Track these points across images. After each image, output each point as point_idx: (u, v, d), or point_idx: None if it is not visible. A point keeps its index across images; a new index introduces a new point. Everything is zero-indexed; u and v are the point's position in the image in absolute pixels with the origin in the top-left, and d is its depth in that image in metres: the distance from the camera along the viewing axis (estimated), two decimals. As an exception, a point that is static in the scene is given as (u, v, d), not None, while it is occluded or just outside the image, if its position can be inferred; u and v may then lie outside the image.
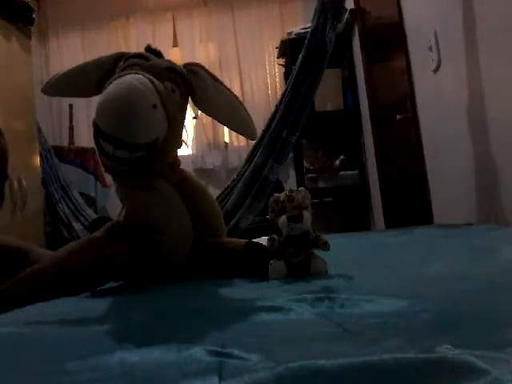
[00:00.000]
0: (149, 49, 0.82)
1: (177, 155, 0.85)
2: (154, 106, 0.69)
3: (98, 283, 0.78)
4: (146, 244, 0.80)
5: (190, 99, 0.84)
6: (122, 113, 0.66)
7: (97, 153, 0.76)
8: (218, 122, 0.89)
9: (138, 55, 0.79)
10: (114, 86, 0.69)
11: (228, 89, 0.84)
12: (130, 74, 0.72)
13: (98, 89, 0.81)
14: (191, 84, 0.81)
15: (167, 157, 0.80)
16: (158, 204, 0.80)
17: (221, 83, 0.84)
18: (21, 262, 0.97)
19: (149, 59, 0.78)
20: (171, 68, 0.78)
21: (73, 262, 0.77)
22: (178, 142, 0.82)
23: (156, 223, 0.80)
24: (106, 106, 0.68)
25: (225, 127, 3.88)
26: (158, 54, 0.82)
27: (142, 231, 0.80)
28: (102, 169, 0.80)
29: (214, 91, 0.82)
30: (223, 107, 0.83)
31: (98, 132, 0.69)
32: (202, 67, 0.84)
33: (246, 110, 0.84)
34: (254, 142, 2.42)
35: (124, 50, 3.94)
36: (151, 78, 0.71)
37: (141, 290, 0.77)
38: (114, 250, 0.77)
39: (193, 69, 0.82)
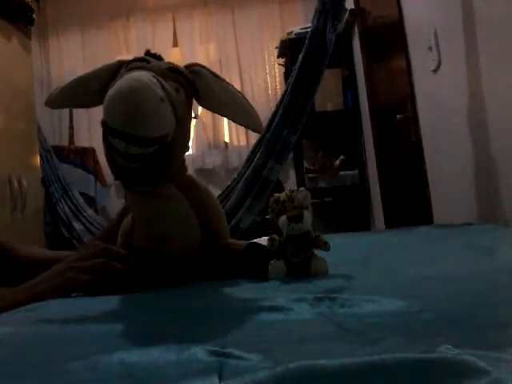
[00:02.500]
0: (148, 53, 0.82)
1: (184, 159, 0.85)
2: (162, 100, 0.69)
3: None
4: (155, 253, 0.80)
5: (194, 100, 0.84)
6: (132, 106, 0.66)
7: (106, 157, 0.75)
8: (224, 117, 0.89)
9: (138, 59, 0.79)
10: (119, 83, 0.68)
11: (230, 85, 0.84)
12: (134, 72, 0.72)
13: (100, 98, 0.81)
14: (194, 83, 0.81)
15: (177, 157, 0.80)
16: (168, 213, 0.79)
17: (223, 80, 0.84)
18: (8, 260, 0.97)
19: (149, 62, 0.78)
20: (173, 68, 0.78)
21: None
22: (187, 142, 0.82)
23: (166, 232, 0.79)
24: (115, 102, 0.67)
25: (225, 127, 3.90)
26: (159, 58, 0.82)
27: (152, 240, 0.80)
28: (113, 177, 0.79)
29: (217, 88, 0.82)
30: (228, 103, 0.83)
31: (108, 130, 0.68)
32: (203, 66, 0.84)
33: (250, 104, 0.84)
34: (254, 142, 2.43)
35: (124, 50, 3.96)
36: (155, 75, 0.72)
37: (141, 290, 0.77)
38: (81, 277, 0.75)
39: (194, 69, 0.82)
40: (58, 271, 0.76)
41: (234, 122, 0.89)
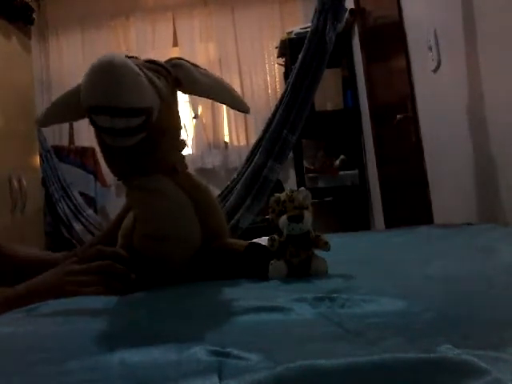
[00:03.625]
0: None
1: (184, 157, 0.85)
2: (138, 74, 0.70)
3: None
4: (154, 252, 0.80)
5: (180, 94, 0.85)
6: (109, 77, 0.67)
7: (100, 147, 0.75)
8: (211, 99, 0.90)
9: None
10: (93, 63, 0.70)
11: (210, 72, 0.86)
12: None
13: None
14: (176, 75, 0.81)
15: (169, 141, 0.80)
16: (169, 211, 0.79)
17: (202, 68, 0.85)
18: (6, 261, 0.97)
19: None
20: (151, 61, 0.79)
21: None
22: (178, 130, 0.82)
23: (168, 230, 0.79)
24: (91, 78, 0.69)
25: (225, 127, 3.90)
26: (136, 59, 0.83)
27: (151, 239, 0.79)
28: (110, 170, 0.79)
29: (198, 75, 0.84)
30: (211, 86, 0.85)
31: (91, 110, 0.69)
32: (182, 59, 0.85)
33: (233, 89, 0.86)
34: (254, 141, 2.43)
35: (124, 49, 3.95)
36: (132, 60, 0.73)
37: (141, 290, 0.77)
38: (87, 281, 0.75)
39: (173, 62, 0.83)
40: (57, 280, 0.76)
41: (221, 103, 0.90)
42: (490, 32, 1.50)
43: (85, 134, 3.77)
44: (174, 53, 3.85)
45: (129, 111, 0.69)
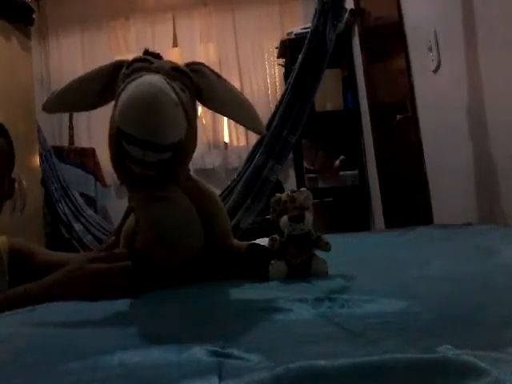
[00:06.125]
0: (147, 52, 0.81)
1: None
2: (176, 105, 0.68)
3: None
4: (157, 255, 0.79)
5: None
6: (150, 113, 0.65)
7: (114, 163, 0.74)
8: (226, 117, 0.88)
9: (139, 59, 0.77)
10: (135, 88, 0.67)
11: (232, 85, 0.84)
12: (146, 75, 0.70)
13: (100, 100, 0.80)
14: (197, 84, 0.80)
15: (188, 158, 0.80)
16: (174, 219, 0.79)
17: (225, 80, 0.83)
18: (27, 265, 0.98)
19: (151, 62, 0.77)
20: (176, 68, 0.77)
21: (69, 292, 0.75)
22: (195, 142, 0.81)
23: (170, 236, 0.79)
24: (132, 108, 0.66)
25: (225, 127, 3.90)
26: (158, 56, 0.81)
27: (155, 243, 0.79)
28: (119, 181, 0.78)
29: (220, 89, 0.81)
30: (230, 104, 0.82)
31: (124, 136, 0.67)
32: (204, 65, 0.83)
33: (252, 106, 0.84)
34: (254, 142, 2.43)
35: (124, 50, 3.96)
36: (165, 78, 0.70)
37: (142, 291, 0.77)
38: (111, 283, 0.76)
39: (195, 68, 0.81)
40: (82, 280, 0.76)
41: (236, 123, 0.88)
42: (490, 32, 1.50)
43: (85, 134, 3.77)
44: (174, 53, 3.86)
45: (163, 147, 0.68)
